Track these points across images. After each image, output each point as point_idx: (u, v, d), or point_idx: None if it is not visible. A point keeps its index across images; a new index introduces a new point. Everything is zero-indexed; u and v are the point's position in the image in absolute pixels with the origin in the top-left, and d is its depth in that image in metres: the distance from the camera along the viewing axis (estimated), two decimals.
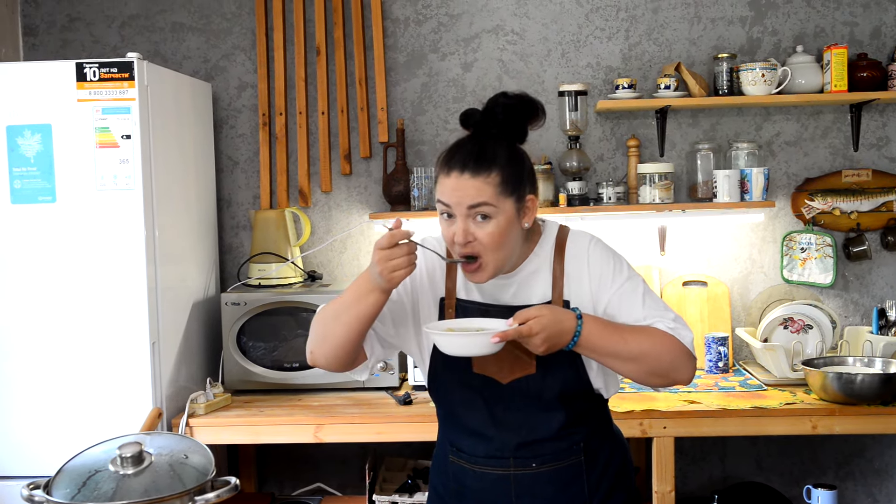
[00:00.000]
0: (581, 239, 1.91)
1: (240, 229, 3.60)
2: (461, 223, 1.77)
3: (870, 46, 3.41)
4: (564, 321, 1.72)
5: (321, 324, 1.88)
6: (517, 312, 1.72)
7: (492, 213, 1.77)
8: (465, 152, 1.78)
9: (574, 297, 1.86)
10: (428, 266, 1.93)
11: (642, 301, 1.84)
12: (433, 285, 1.93)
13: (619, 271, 1.87)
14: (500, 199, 1.77)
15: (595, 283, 1.86)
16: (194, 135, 3.27)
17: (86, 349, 2.82)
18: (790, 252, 3.45)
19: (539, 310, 1.71)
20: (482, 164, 1.76)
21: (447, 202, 1.78)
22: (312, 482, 3.60)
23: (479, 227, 1.77)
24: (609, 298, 1.85)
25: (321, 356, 1.88)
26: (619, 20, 3.47)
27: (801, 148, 3.46)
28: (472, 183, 1.75)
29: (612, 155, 3.50)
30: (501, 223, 1.78)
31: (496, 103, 1.80)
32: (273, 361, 3.16)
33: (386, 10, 3.49)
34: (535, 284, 1.88)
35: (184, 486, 1.81)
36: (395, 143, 3.44)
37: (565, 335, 1.72)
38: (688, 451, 3.55)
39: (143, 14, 3.56)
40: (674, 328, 1.81)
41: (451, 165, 1.78)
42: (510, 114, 1.80)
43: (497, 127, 1.80)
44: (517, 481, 1.86)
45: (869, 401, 2.80)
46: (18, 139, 2.80)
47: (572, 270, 1.87)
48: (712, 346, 3.27)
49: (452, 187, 1.77)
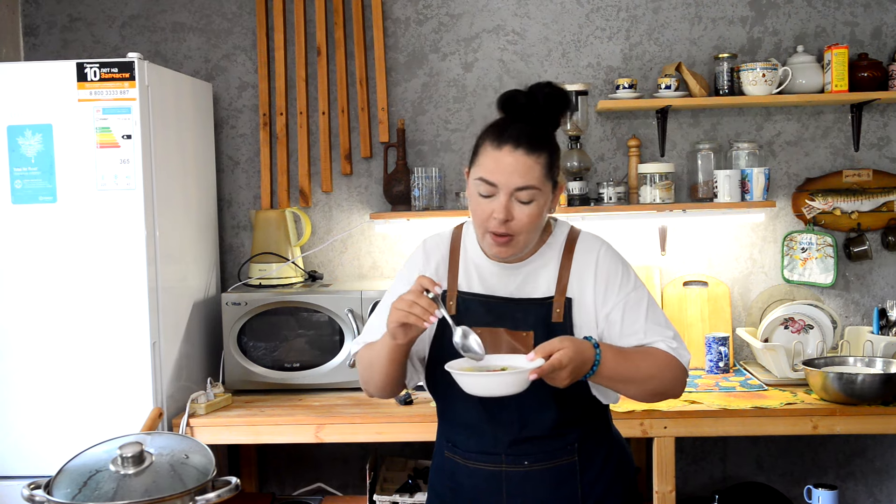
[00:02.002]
0: (592, 241, 1.92)
1: (240, 229, 3.60)
2: (503, 200, 1.76)
3: (870, 46, 3.41)
4: (585, 351, 1.71)
5: (361, 367, 1.94)
6: (538, 346, 1.69)
7: (535, 196, 1.78)
8: (519, 129, 1.77)
9: (577, 297, 1.86)
10: (431, 261, 1.95)
11: (646, 313, 1.86)
12: (438, 278, 1.93)
13: (626, 280, 1.88)
14: (544, 183, 1.78)
15: (601, 288, 1.86)
16: (195, 135, 3.27)
17: (86, 349, 2.82)
18: (791, 252, 3.45)
19: (561, 341, 1.69)
20: (535, 143, 1.77)
21: (494, 181, 1.76)
22: (313, 482, 3.60)
23: (519, 209, 1.77)
24: (613, 305, 1.86)
25: (374, 393, 1.95)
26: (620, 20, 3.47)
27: (801, 148, 3.46)
28: (525, 160, 1.75)
29: (612, 155, 3.50)
30: (541, 206, 1.80)
31: (540, 91, 1.80)
32: (274, 361, 3.16)
33: (387, 10, 3.50)
34: (541, 278, 1.88)
35: (184, 486, 1.81)
36: (396, 143, 3.44)
37: (586, 365, 1.72)
38: (688, 451, 3.55)
39: (144, 14, 3.56)
40: (675, 348, 1.83)
41: (504, 139, 1.76)
42: (551, 102, 1.81)
43: (538, 112, 1.80)
44: (508, 479, 1.87)
45: (870, 401, 2.80)
46: (19, 139, 2.80)
47: (579, 270, 1.88)
48: (713, 346, 3.27)
49: (504, 162, 1.75)
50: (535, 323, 1.86)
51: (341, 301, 3.11)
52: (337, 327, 3.14)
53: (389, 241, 3.54)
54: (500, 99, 1.84)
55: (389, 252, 3.54)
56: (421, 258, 1.97)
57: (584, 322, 1.87)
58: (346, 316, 3.11)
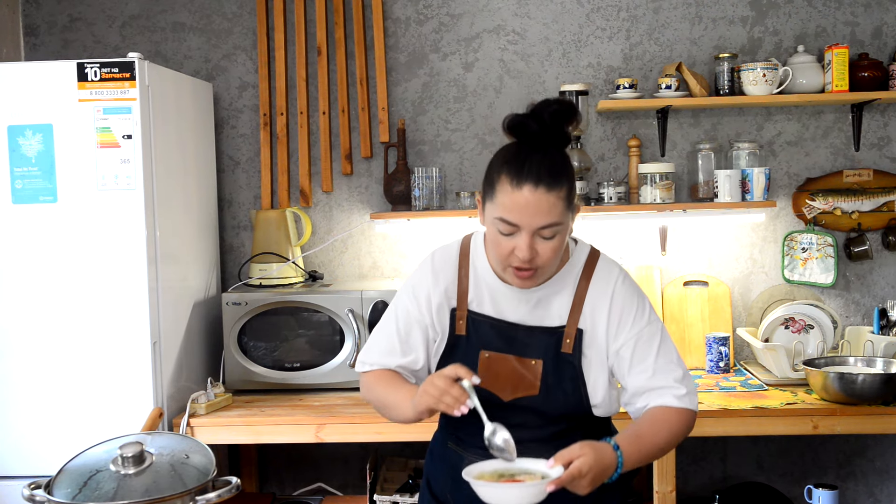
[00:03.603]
0: (610, 270, 1.89)
1: (241, 229, 3.60)
2: (526, 240, 1.72)
3: (871, 46, 3.41)
4: (606, 457, 1.68)
5: (371, 396, 1.94)
6: (557, 453, 1.66)
7: (558, 231, 1.74)
8: (537, 164, 1.70)
9: (588, 328, 1.86)
10: (440, 282, 1.92)
11: (657, 351, 1.84)
12: (447, 297, 1.91)
13: (640, 315, 1.86)
14: (565, 215, 1.74)
15: (615, 322, 1.85)
16: (195, 135, 3.27)
17: (87, 349, 2.82)
18: (791, 252, 3.45)
19: (581, 448, 1.66)
20: (556, 178, 1.71)
21: (516, 222, 1.71)
22: (313, 482, 3.60)
23: (543, 244, 1.74)
24: (625, 341, 1.85)
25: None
26: (620, 20, 3.47)
27: (802, 148, 3.46)
28: (547, 198, 1.69)
29: (612, 155, 3.50)
30: (563, 237, 1.77)
31: (545, 111, 1.73)
32: (274, 361, 3.16)
33: (387, 10, 3.49)
34: (554, 305, 1.87)
35: (185, 486, 1.81)
36: (396, 143, 3.44)
37: (608, 470, 1.69)
38: (689, 451, 3.55)
39: (144, 14, 3.56)
40: (682, 396, 1.81)
41: (524, 178, 1.69)
42: (558, 120, 1.74)
43: (548, 133, 1.74)
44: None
45: (870, 401, 2.80)
46: (19, 139, 2.80)
47: (594, 300, 1.86)
48: (713, 346, 3.27)
49: (525, 203, 1.69)
50: (544, 351, 1.86)
51: (342, 301, 3.11)
52: (337, 327, 3.14)
53: (390, 240, 3.54)
54: (508, 126, 1.77)
55: (390, 252, 3.54)
56: (430, 278, 1.93)
57: (593, 354, 1.86)
58: (346, 316, 3.11)
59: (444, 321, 1.91)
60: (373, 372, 1.94)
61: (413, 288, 1.94)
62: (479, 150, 3.51)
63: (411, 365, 1.92)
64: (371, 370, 1.95)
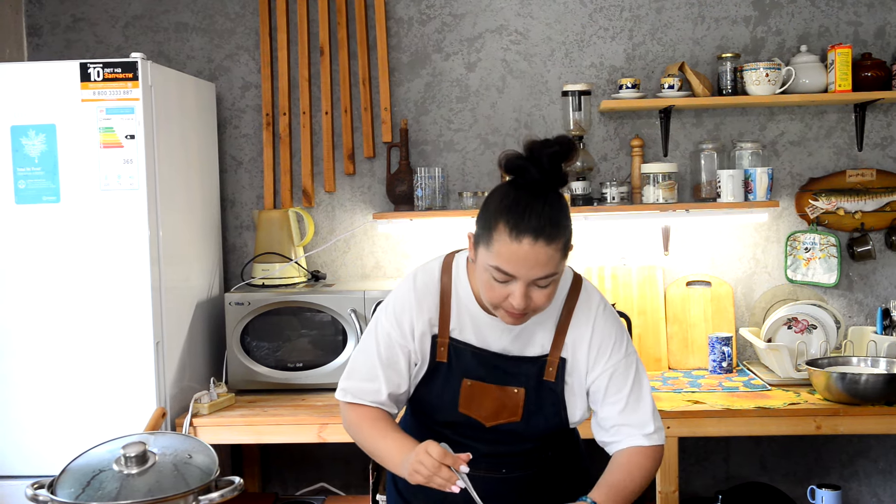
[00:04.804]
0: (591, 301, 1.89)
1: (243, 229, 3.60)
2: (522, 289, 1.69)
3: (874, 46, 3.40)
4: None
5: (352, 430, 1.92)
6: None
7: (554, 279, 1.73)
8: (536, 217, 1.65)
9: (570, 357, 1.87)
10: (423, 310, 1.89)
11: (631, 384, 1.86)
12: (430, 326, 1.89)
13: (618, 347, 1.87)
14: (561, 264, 1.72)
15: (594, 353, 1.87)
16: (198, 135, 3.27)
17: (90, 349, 2.83)
18: (794, 252, 3.45)
19: None
20: (555, 229, 1.66)
21: (513, 273, 1.68)
22: (316, 482, 3.60)
23: (538, 292, 1.72)
24: (601, 372, 1.87)
25: None
26: (623, 20, 3.46)
27: (804, 148, 3.46)
28: (545, 251, 1.65)
29: (615, 155, 3.49)
30: (558, 282, 1.76)
31: (543, 153, 1.66)
32: (277, 361, 3.17)
33: (389, 10, 3.49)
34: (537, 335, 1.87)
35: (188, 486, 1.81)
36: (399, 143, 3.44)
37: None
38: (691, 451, 3.54)
39: (147, 14, 3.56)
40: (650, 434, 1.85)
41: (522, 231, 1.64)
42: (557, 162, 1.67)
43: (547, 177, 1.67)
44: (485, 483, 1.86)
45: (873, 401, 2.80)
46: (23, 139, 2.80)
47: (576, 330, 1.87)
48: (716, 346, 3.27)
49: (524, 256, 1.65)
50: (526, 380, 1.87)
51: (344, 301, 3.12)
52: (340, 327, 3.14)
53: (392, 240, 3.54)
54: (506, 168, 1.70)
55: (392, 252, 3.55)
56: (413, 305, 1.88)
57: (574, 381, 1.88)
58: (349, 316, 3.11)
59: (426, 347, 1.89)
60: (356, 409, 1.90)
61: (395, 312, 1.89)
62: (481, 150, 3.51)
63: (393, 390, 1.89)
64: (354, 403, 1.91)
